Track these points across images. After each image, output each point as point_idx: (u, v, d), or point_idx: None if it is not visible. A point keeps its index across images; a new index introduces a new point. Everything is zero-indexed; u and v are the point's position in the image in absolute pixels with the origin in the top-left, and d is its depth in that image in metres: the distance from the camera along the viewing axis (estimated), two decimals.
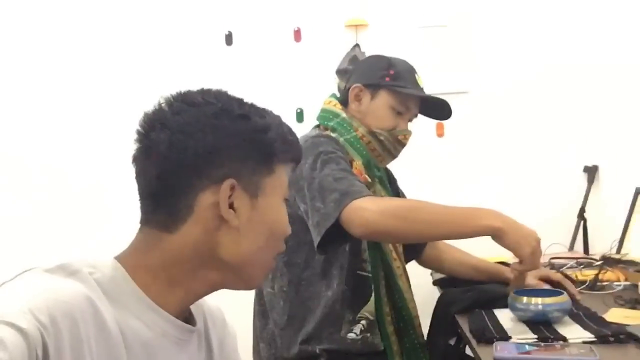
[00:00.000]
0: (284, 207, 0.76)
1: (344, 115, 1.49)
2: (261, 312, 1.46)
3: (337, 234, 1.28)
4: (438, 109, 1.54)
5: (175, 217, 0.69)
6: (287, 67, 2.37)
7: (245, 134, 0.71)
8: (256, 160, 0.71)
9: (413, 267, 1.67)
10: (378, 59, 1.55)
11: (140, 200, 0.72)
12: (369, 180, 1.44)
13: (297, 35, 2.37)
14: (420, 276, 1.74)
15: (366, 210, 1.24)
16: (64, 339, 0.58)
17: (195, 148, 0.68)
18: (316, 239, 1.29)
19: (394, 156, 1.53)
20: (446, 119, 1.57)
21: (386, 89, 1.48)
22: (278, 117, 0.75)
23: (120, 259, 0.71)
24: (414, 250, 1.64)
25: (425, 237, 1.31)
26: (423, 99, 1.52)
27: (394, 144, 1.49)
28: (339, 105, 1.52)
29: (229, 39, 2.38)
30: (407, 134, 1.51)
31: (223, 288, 0.75)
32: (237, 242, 0.70)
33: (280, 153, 0.73)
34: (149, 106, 0.73)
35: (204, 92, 0.73)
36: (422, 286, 1.72)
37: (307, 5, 2.36)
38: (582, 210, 2.17)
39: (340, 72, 2.27)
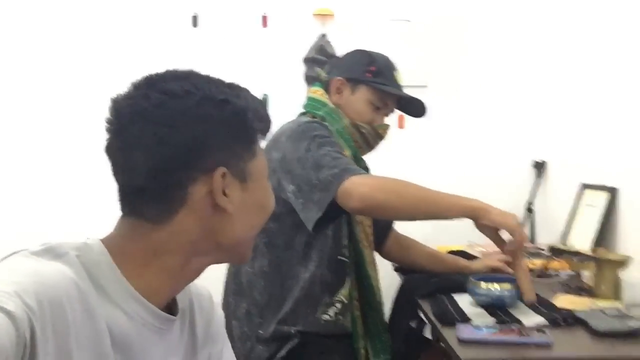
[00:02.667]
0: (269, 183, 0.79)
1: (331, 105, 1.53)
2: (237, 290, 1.48)
3: (328, 213, 1.32)
4: (413, 107, 1.61)
5: (167, 209, 0.69)
6: (254, 53, 2.37)
7: (228, 119, 0.71)
8: (241, 145, 0.73)
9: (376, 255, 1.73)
10: (361, 54, 1.59)
11: (122, 192, 0.71)
12: None
13: (265, 21, 2.37)
14: (382, 263, 1.81)
15: (364, 185, 1.29)
16: (50, 323, 0.58)
17: (185, 141, 0.68)
18: (315, 215, 1.32)
19: (372, 148, 1.58)
20: (420, 116, 1.62)
21: (366, 84, 1.52)
22: (247, 91, 0.75)
23: (106, 242, 0.69)
24: (376, 242, 1.68)
25: (416, 213, 1.36)
26: (400, 96, 1.57)
27: (375, 137, 1.55)
28: (325, 95, 1.56)
29: (195, 21, 2.36)
30: (386, 128, 1.57)
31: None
32: (232, 226, 0.73)
33: (258, 131, 0.75)
34: (114, 91, 0.71)
35: (177, 79, 0.71)
36: (384, 273, 1.79)
37: None
38: (529, 204, 2.30)
39: (308, 61, 2.30)
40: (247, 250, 0.79)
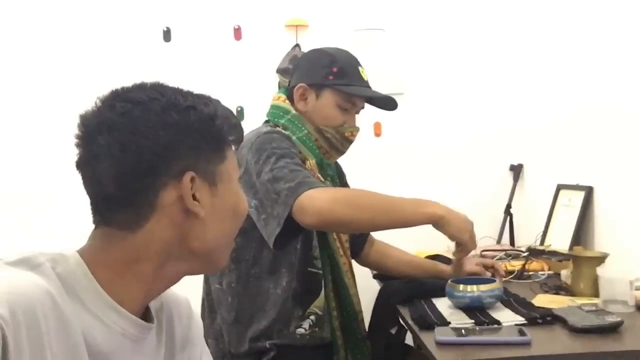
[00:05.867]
0: (239, 187, 0.78)
1: (293, 112, 1.49)
2: (209, 307, 1.45)
3: (288, 228, 1.29)
4: (384, 101, 1.54)
5: (138, 217, 0.69)
6: (227, 65, 2.37)
7: (196, 125, 0.71)
8: (209, 149, 0.72)
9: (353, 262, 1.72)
10: (320, 55, 1.52)
11: (93, 203, 0.71)
12: (322, 179, 1.45)
13: (237, 33, 2.37)
14: (360, 270, 1.79)
15: (318, 199, 1.25)
16: (23, 333, 0.58)
17: (150, 147, 0.68)
18: (275, 230, 1.29)
19: (341, 152, 1.54)
20: (392, 109, 1.56)
21: (331, 88, 1.47)
22: (218, 102, 0.75)
23: (82, 253, 0.69)
24: (353, 250, 1.66)
25: (374, 225, 1.34)
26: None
27: (342, 141, 1.50)
28: (287, 102, 1.51)
29: (167, 36, 2.35)
30: (354, 130, 1.51)
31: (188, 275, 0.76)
32: (204, 231, 0.72)
33: (228, 138, 0.75)
34: (86, 105, 0.71)
35: (143, 88, 0.71)
36: (363, 281, 1.77)
37: (248, 3, 2.38)
38: (508, 206, 2.30)
39: (281, 71, 2.30)
40: (221, 258, 0.77)
